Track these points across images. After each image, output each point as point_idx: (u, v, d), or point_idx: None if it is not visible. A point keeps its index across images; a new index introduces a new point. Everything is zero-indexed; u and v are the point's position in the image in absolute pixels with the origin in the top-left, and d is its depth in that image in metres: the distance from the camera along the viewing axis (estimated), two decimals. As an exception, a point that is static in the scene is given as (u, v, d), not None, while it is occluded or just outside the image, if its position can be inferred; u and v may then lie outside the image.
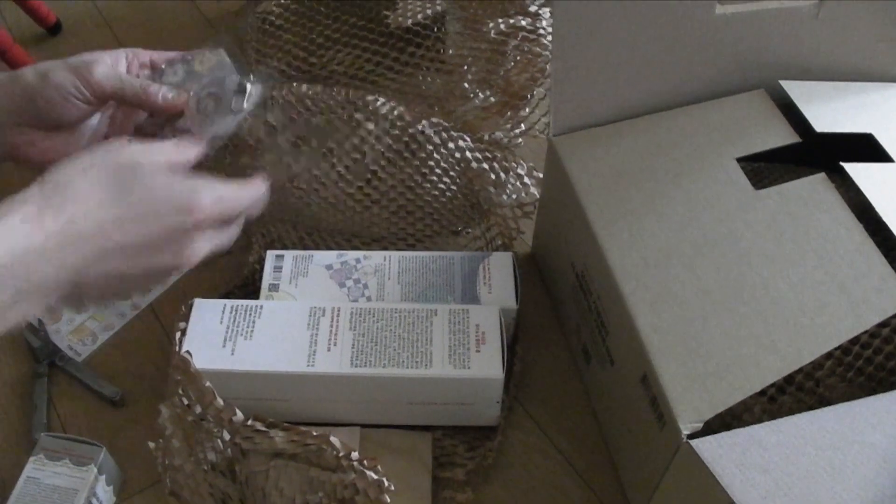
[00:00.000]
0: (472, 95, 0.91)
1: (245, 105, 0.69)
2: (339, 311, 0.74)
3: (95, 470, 0.69)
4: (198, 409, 0.66)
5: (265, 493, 0.64)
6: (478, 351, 0.71)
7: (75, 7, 1.26)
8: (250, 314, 0.74)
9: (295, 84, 0.85)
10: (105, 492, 0.71)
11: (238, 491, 0.67)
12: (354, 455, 0.62)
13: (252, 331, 0.73)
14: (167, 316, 0.87)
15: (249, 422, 0.65)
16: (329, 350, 0.71)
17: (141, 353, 0.84)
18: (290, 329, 0.73)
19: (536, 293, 0.88)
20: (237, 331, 0.73)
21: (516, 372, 0.80)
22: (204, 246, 0.58)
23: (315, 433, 0.63)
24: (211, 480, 0.67)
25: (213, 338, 0.72)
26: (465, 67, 0.92)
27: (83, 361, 0.83)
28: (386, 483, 0.61)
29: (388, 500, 0.61)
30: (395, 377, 0.70)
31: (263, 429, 0.65)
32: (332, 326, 0.73)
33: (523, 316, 0.85)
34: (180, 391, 0.67)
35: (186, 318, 0.73)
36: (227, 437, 0.66)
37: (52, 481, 0.69)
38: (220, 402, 0.65)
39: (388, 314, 0.74)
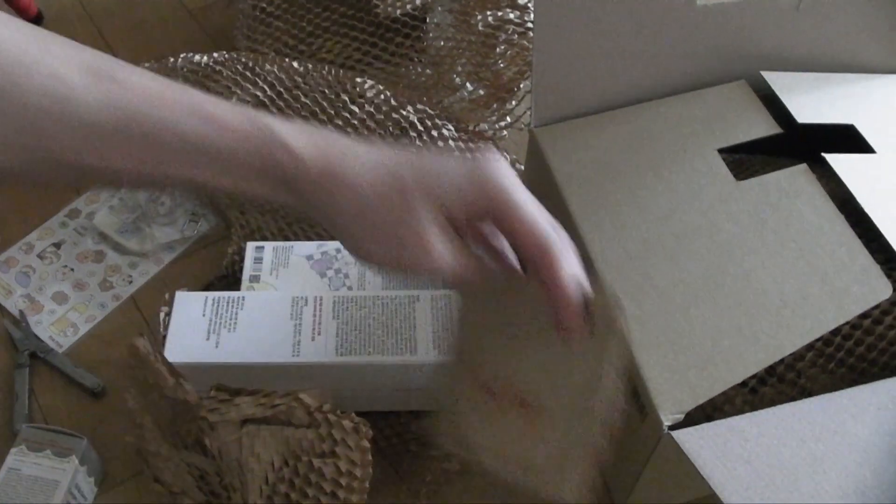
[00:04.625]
0: (460, 87, 0.91)
1: None
2: (321, 299, 0.74)
3: (77, 461, 0.69)
4: (163, 392, 0.65)
5: (240, 462, 0.62)
6: (462, 337, 0.71)
7: (57, -3, 1.25)
8: (232, 305, 0.74)
9: (287, 60, 0.85)
10: (86, 483, 0.71)
11: (214, 466, 0.66)
12: (326, 407, 0.61)
13: (235, 322, 0.72)
14: (148, 307, 0.87)
15: (212, 392, 0.63)
16: (313, 339, 0.71)
17: (122, 345, 0.83)
18: (273, 319, 0.73)
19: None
20: (220, 323, 0.72)
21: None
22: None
23: (282, 394, 0.62)
24: (187, 459, 0.66)
25: (196, 331, 0.72)
26: (454, 59, 0.92)
27: (64, 352, 0.83)
28: (364, 429, 0.60)
29: (368, 445, 0.60)
30: (380, 364, 0.70)
31: (227, 397, 0.63)
32: (315, 315, 0.73)
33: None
34: (144, 377, 0.66)
35: (168, 311, 0.73)
36: (192, 413, 0.65)
37: (34, 472, 0.68)
38: (172, 380, 0.63)
39: (370, 301, 0.74)
